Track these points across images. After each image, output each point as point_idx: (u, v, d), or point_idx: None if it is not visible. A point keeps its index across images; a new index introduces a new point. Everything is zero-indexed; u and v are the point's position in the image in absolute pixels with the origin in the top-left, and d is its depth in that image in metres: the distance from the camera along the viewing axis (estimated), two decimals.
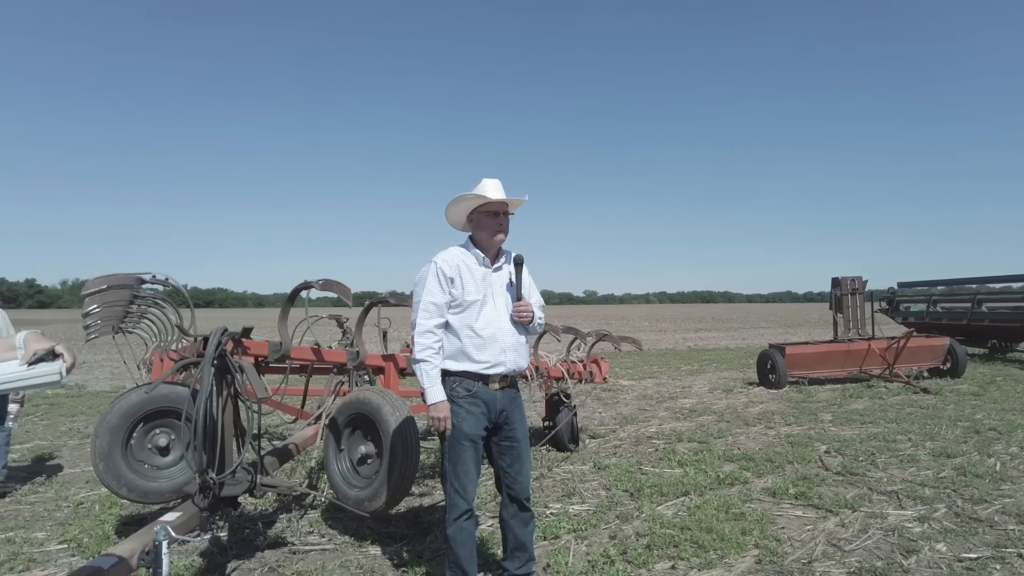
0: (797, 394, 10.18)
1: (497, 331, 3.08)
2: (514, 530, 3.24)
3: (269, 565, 3.72)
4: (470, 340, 3.04)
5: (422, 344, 3.00)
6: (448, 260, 3.09)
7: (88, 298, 3.73)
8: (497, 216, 3.16)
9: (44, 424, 8.66)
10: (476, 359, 3.04)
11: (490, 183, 3.16)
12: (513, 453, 3.20)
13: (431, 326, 3.02)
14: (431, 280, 3.04)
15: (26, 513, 4.85)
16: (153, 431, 4.00)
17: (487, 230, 3.15)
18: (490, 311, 3.09)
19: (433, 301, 3.02)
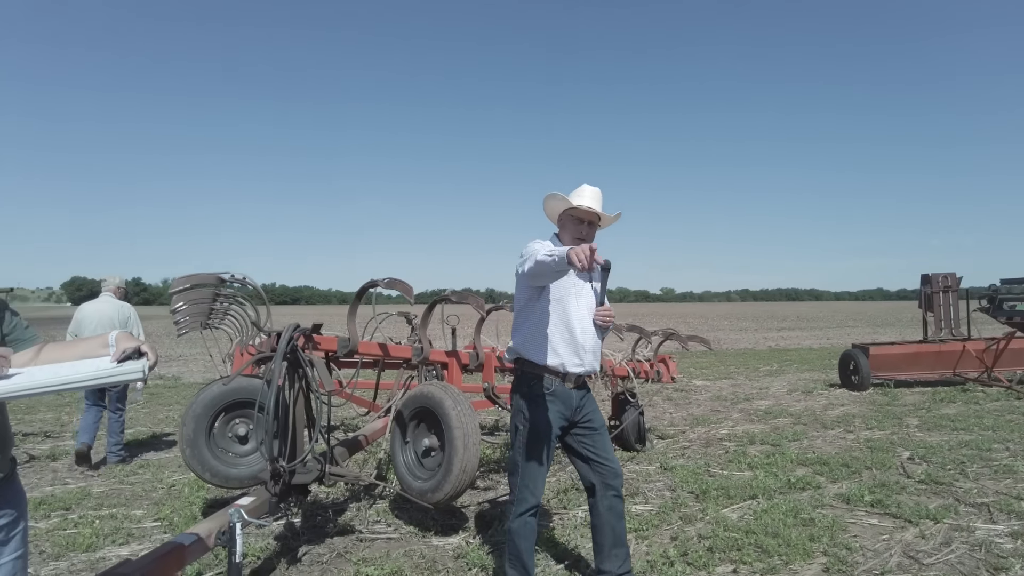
0: (881, 397, 9.69)
1: (580, 332, 3.06)
2: (612, 524, 3.14)
3: (337, 551, 3.90)
4: (555, 335, 3.04)
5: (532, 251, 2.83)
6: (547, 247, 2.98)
7: (175, 296, 4.02)
8: (583, 224, 3.11)
9: (144, 412, 9.34)
10: (561, 355, 3.04)
11: (588, 190, 3.11)
12: (596, 436, 3.16)
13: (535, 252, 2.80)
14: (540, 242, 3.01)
15: (127, 492, 5.27)
16: (233, 421, 4.27)
17: (570, 234, 3.13)
18: (573, 310, 3.07)
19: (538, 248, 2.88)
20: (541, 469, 3.05)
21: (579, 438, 3.17)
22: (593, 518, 3.19)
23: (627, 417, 6.20)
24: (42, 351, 1.86)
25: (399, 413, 4.21)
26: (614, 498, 3.15)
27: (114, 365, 1.72)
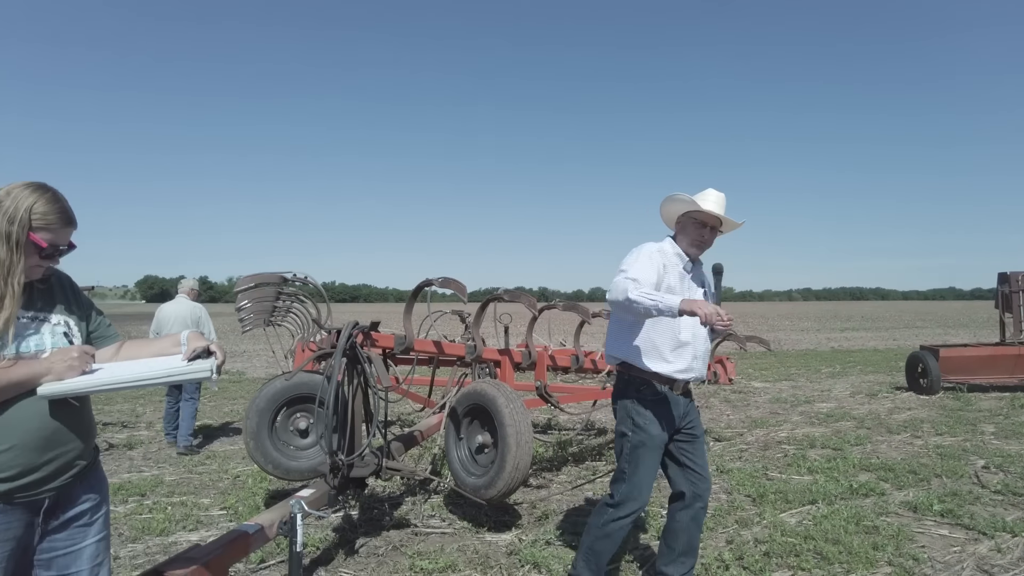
0: (953, 401, 9.25)
1: (691, 337, 2.97)
2: (690, 532, 3.09)
3: (393, 544, 3.99)
4: (668, 341, 2.93)
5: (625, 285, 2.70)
6: (660, 252, 2.99)
7: (240, 294, 4.19)
8: (704, 228, 3.03)
9: (211, 406, 9.74)
10: (670, 361, 2.94)
11: (712, 194, 3.02)
12: (696, 444, 3.10)
13: (634, 275, 2.76)
14: (647, 253, 2.93)
15: (195, 482, 5.52)
16: (294, 415, 4.43)
17: (689, 237, 3.05)
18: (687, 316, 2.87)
19: (643, 264, 2.85)
20: (649, 477, 2.97)
21: (679, 444, 3.09)
22: (671, 523, 3.14)
23: None
24: (122, 348, 1.99)
25: (453, 410, 4.28)
26: (700, 509, 3.09)
27: (184, 364, 1.82)
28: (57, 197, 1.75)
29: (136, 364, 1.86)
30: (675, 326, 2.93)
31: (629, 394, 2.99)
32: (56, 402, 1.71)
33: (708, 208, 2.96)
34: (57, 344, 1.78)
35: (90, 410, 1.89)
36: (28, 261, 1.70)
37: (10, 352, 1.67)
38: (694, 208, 2.99)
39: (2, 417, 1.64)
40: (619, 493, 2.96)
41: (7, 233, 1.65)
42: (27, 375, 1.65)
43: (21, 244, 1.67)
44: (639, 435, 2.94)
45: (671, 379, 2.96)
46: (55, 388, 1.67)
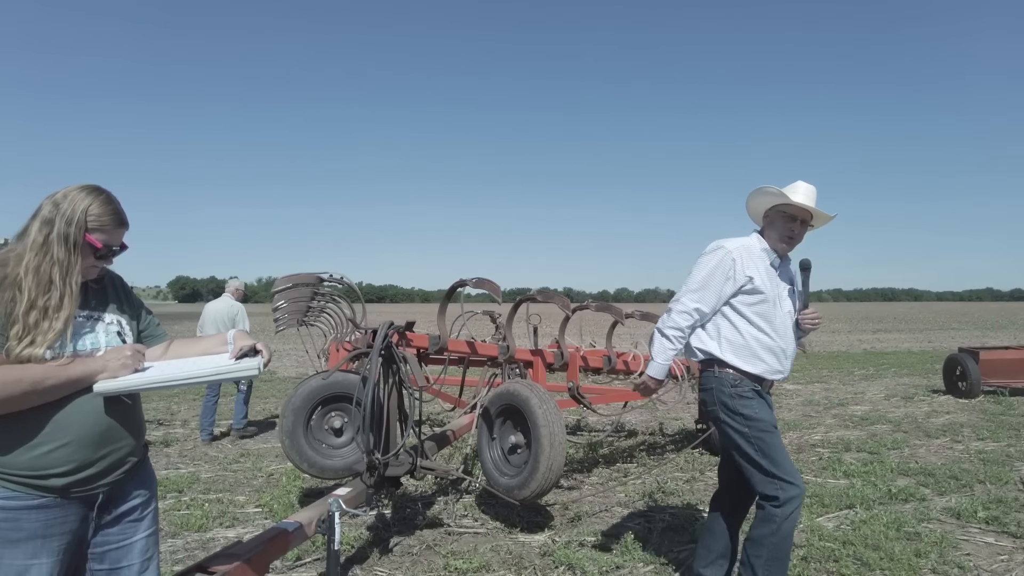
0: (994, 406, 9.01)
1: (782, 337, 2.87)
2: (733, 532, 3.10)
3: (427, 543, 4.01)
4: (761, 340, 2.84)
5: (676, 322, 2.85)
6: (742, 251, 2.88)
7: (277, 294, 4.25)
8: (794, 221, 2.91)
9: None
10: (765, 360, 2.84)
11: (802, 186, 2.90)
12: None
13: (692, 308, 2.83)
14: (716, 264, 2.85)
15: (230, 479, 5.61)
16: (329, 414, 4.47)
17: (778, 232, 2.92)
18: (777, 314, 2.87)
19: (709, 286, 2.84)
20: (787, 457, 2.84)
21: None
22: (713, 523, 3.12)
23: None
24: (170, 347, 2.03)
25: (485, 410, 4.29)
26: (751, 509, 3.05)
27: (232, 362, 1.85)
28: (111, 199, 1.79)
29: (185, 362, 1.90)
30: (767, 325, 2.84)
31: (726, 389, 2.83)
32: (110, 399, 1.75)
33: (798, 201, 2.84)
34: (111, 343, 1.82)
35: (141, 408, 1.93)
36: (84, 262, 1.74)
37: (67, 350, 1.71)
38: (783, 201, 2.86)
39: (60, 413, 1.68)
40: (777, 491, 2.75)
41: (65, 234, 1.69)
42: (84, 372, 1.69)
43: (78, 245, 1.71)
44: (757, 423, 2.79)
45: (762, 379, 2.86)
46: (110, 385, 1.71)
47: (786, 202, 2.86)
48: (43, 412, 1.67)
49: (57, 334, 1.66)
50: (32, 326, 1.63)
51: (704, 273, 2.87)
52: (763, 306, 2.85)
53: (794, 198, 2.84)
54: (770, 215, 2.96)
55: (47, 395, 1.65)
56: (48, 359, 1.66)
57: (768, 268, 2.91)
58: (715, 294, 2.84)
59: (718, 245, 2.93)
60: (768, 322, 2.84)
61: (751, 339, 2.84)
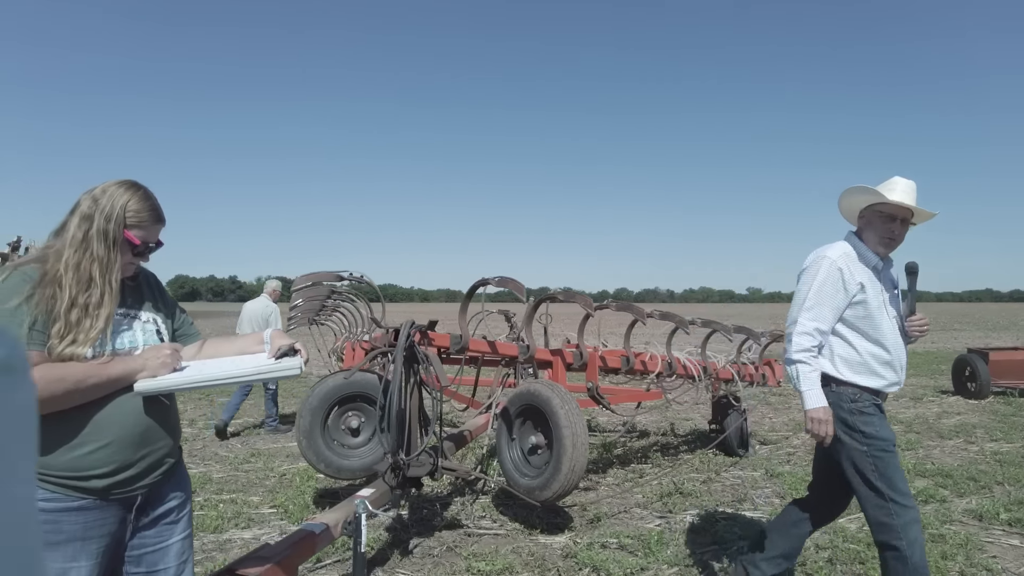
0: (1004, 406, 8.97)
1: (893, 347, 2.70)
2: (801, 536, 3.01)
3: (447, 545, 3.97)
4: (875, 354, 2.68)
5: (800, 344, 2.66)
6: (845, 258, 2.72)
7: (295, 292, 4.21)
8: (894, 221, 2.71)
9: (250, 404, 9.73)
10: (881, 375, 2.68)
11: (901, 183, 2.71)
12: None
13: (812, 328, 2.66)
14: (824, 276, 2.68)
15: (242, 479, 5.56)
16: (346, 413, 4.43)
17: (876, 233, 2.74)
18: (886, 324, 2.71)
19: (823, 300, 2.68)
20: (904, 478, 2.67)
21: None
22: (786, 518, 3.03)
23: (731, 422, 6.01)
24: (204, 346, 1.98)
25: (505, 410, 4.24)
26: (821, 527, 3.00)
27: (273, 362, 1.81)
28: (148, 195, 1.75)
29: (224, 362, 1.86)
30: (880, 336, 2.68)
31: (844, 406, 2.65)
32: (149, 399, 1.71)
33: (897, 199, 2.65)
34: (148, 341, 1.78)
35: (176, 408, 1.89)
36: (122, 258, 1.70)
37: (107, 349, 1.67)
38: (880, 200, 2.69)
39: (101, 413, 1.64)
40: (891, 517, 2.57)
41: (105, 231, 1.65)
42: (124, 371, 1.65)
43: (118, 242, 1.67)
44: (877, 442, 2.62)
45: (879, 392, 2.70)
46: (151, 385, 1.67)
47: (884, 201, 2.68)
48: (84, 412, 1.63)
49: (99, 332, 1.63)
50: (74, 324, 1.59)
51: (814, 288, 2.69)
52: (873, 316, 2.69)
53: (892, 196, 2.66)
54: (867, 215, 2.78)
55: (88, 394, 1.61)
56: (88, 358, 1.62)
57: (870, 275, 2.73)
58: (831, 308, 2.68)
59: (820, 255, 2.75)
60: (880, 333, 2.68)
61: (866, 354, 2.67)
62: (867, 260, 2.75)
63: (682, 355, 5.44)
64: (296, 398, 10.02)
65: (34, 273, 1.61)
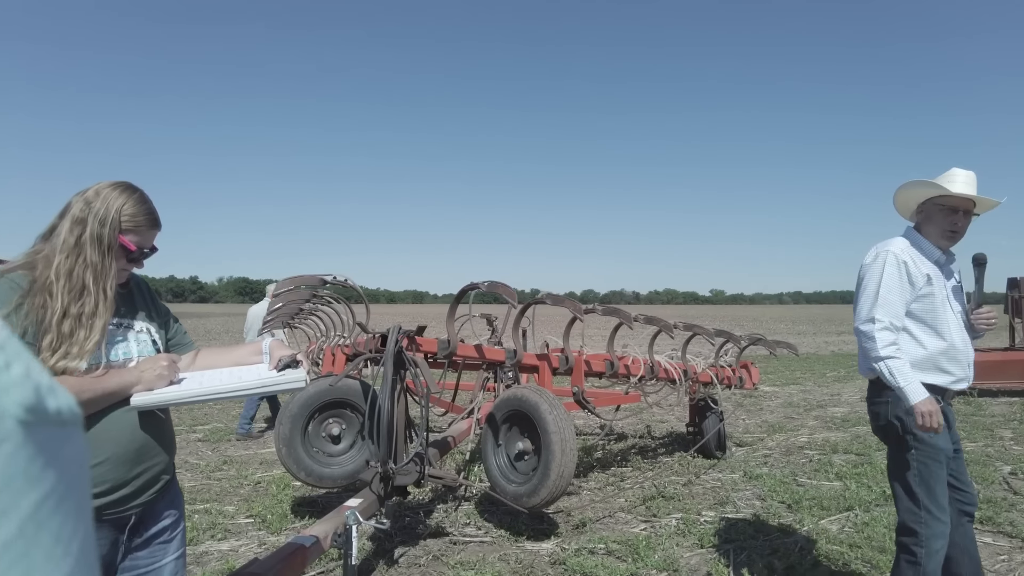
0: (965, 406, 9.23)
1: (960, 342, 2.65)
2: (971, 552, 2.79)
3: (433, 554, 3.90)
4: (941, 350, 2.63)
5: (884, 340, 2.57)
6: (908, 251, 2.68)
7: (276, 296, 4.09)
8: (955, 213, 2.66)
9: (217, 408, 9.59)
10: (948, 371, 2.63)
11: (960, 174, 2.65)
12: (959, 458, 2.80)
13: (888, 322, 2.60)
14: (890, 271, 2.63)
15: (215, 488, 5.40)
16: (327, 421, 4.33)
17: (937, 227, 2.69)
18: (952, 319, 2.66)
19: (892, 295, 2.62)
20: (945, 496, 2.62)
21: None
22: (953, 547, 2.72)
23: (709, 424, 6.06)
24: (198, 356, 1.90)
25: (491, 416, 4.20)
26: (968, 524, 2.80)
27: (276, 374, 1.74)
28: (144, 198, 1.67)
29: (223, 374, 1.78)
30: (945, 331, 2.64)
31: (903, 405, 2.58)
32: (144, 414, 1.63)
33: (959, 191, 2.60)
34: (143, 352, 1.69)
35: (171, 422, 1.80)
36: (116, 265, 1.61)
37: (101, 361, 1.58)
38: (941, 192, 2.64)
39: (95, 429, 1.55)
40: (920, 526, 2.57)
41: (99, 236, 1.56)
42: (120, 385, 1.57)
43: (113, 247, 1.58)
44: (926, 450, 2.57)
45: (945, 390, 2.65)
46: (148, 399, 1.58)
47: (946, 193, 2.63)
48: None
49: (96, 344, 1.53)
50: (67, 335, 1.50)
51: (883, 282, 2.64)
52: (939, 310, 2.64)
53: (953, 188, 2.61)
54: (926, 209, 2.73)
55: (83, 410, 1.51)
56: (82, 371, 1.53)
57: (933, 269, 2.68)
58: (900, 302, 2.63)
59: (883, 249, 2.70)
60: (946, 327, 2.63)
61: (932, 349, 2.63)
62: (930, 254, 2.71)
63: (663, 358, 5.47)
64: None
65: (23, 280, 1.51)
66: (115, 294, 1.62)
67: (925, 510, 2.57)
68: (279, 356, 1.79)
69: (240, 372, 1.79)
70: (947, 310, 2.66)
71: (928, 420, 2.51)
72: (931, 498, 2.57)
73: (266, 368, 1.78)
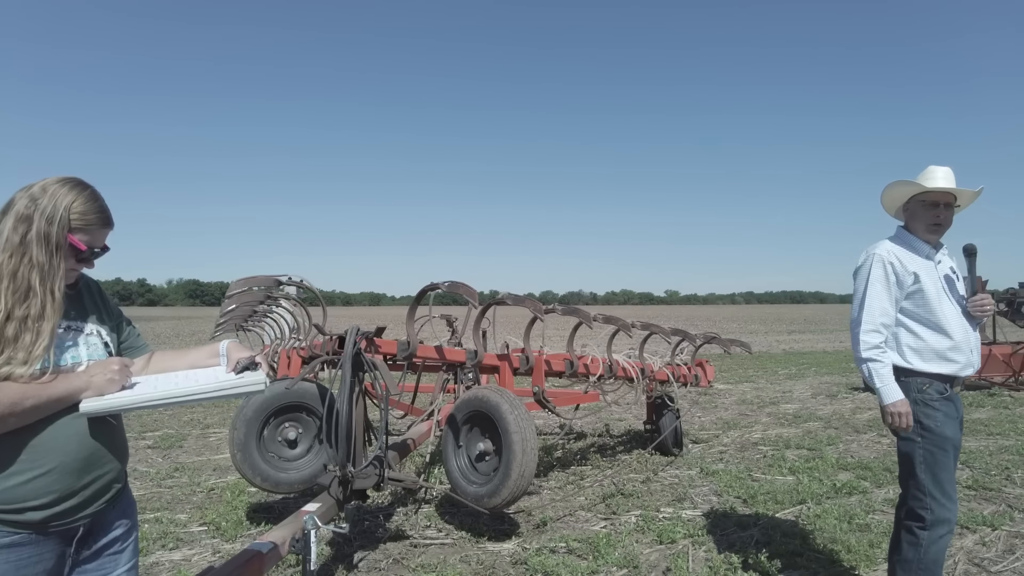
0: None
1: (960, 329, 2.76)
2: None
3: (393, 557, 3.86)
4: (941, 340, 2.74)
5: (868, 342, 2.75)
6: (895, 251, 2.82)
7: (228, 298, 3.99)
8: (936, 208, 2.81)
9: (168, 414, 9.30)
10: (952, 359, 2.74)
11: (938, 171, 2.81)
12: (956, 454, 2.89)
13: (877, 323, 2.76)
14: (876, 273, 2.79)
15: (167, 496, 5.23)
16: (282, 425, 4.24)
17: (922, 222, 2.84)
18: (948, 308, 2.78)
19: (879, 297, 2.77)
20: (952, 485, 2.75)
21: None
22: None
23: (666, 422, 6.16)
24: (152, 359, 1.84)
25: (451, 417, 4.18)
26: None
27: (234, 376, 1.69)
28: (96, 195, 1.60)
29: (179, 377, 1.71)
30: (943, 322, 2.75)
31: (911, 396, 2.72)
32: (94, 420, 1.56)
33: (936, 186, 2.76)
34: (94, 356, 1.63)
35: (123, 428, 1.73)
36: (65, 265, 1.55)
37: (48, 366, 1.51)
38: (919, 190, 2.81)
39: (39, 437, 1.48)
40: (925, 512, 2.70)
41: (46, 234, 1.49)
42: (67, 391, 1.50)
43: (61, 247, 1.52)
44: (932, 439, 2.69)
45: (953, 377, 2.75)
46: (98, 404, 1.52)
47: (924, 189, 2.79)
48: (18, 437, 1.47)
49: (44, 350, 1.47)
50: (11, 340, 1.43)
51: (870, 285, 2.79)
52: (932, 304, 2.76)
53: (930, 184, 2.77)
54: (911, 207, 2.89)
55: (25, 417, 1.45)
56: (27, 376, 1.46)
57: (925, 262, 2.82)
58: (890, 302, 2.78)
59: (870, 253, 2.85)
60: (944, 319, 2.75)
61: (933, 341, 2.75)
62: (919, 250, 2.84)
63: (621, 357, 5.53)
64: (218, 407, 9.58)
65: None
66: (64, 295, 1.55)
67: (931, 497, 2.69)
68: (236, 358, 1.74)
69: (196, 375, 1.73)
70: (943, 302, 2.78)
71: (898, 420, 2.69)
72: (937, 486, 2.69)
73: (223, 371, 1.73)
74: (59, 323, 1.55)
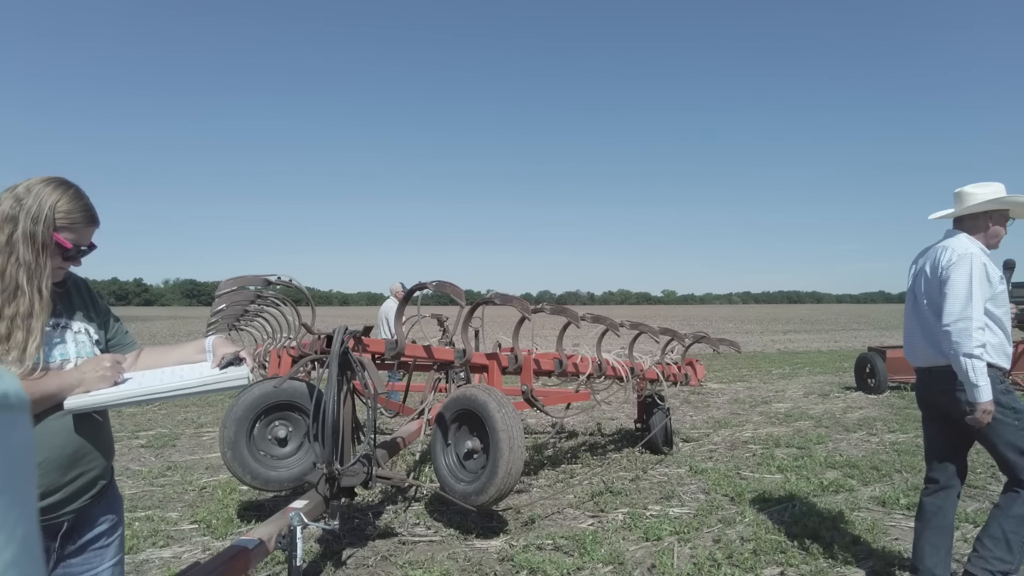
0: (899, 400, 9.69)
1: (1008, 333, 3.09)
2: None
3: (382, 554, 3.90)
4: (1004, 338, 3.04)
5: (979, 340, 2.89)
6: (983, 254, 3.06)
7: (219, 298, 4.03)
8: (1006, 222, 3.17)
9: (162, 413, 9.33)
10: (1008, 354, 3.07)
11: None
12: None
13: (981, 322, 2.91)
14: (978, 273, 2.96)
15: (158, 495, 5.27)
16: (273, 423, 4.28)
17: (995, 236, 3.15)
18: (1004, 314, 3.07)
19: (981, 293, 2.94)
20: None
21: None
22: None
23: (656, 421, 6.20)
24: (140, 356, 1.87)
25: (440, 416, 4.22)
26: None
27: (218, 371, 1.73)
28: (80, 194, 1.64)
29: (164, 373, 1.75)
30: (1006, 323, 3.05)
31: (996, 387, 2.96)
32: (80, 416, 1.60)
33: None
34: (82, 353, 1.66)
35: (110, 424, 1.77)
36: (52, 263, 1.58)
37: (38, 363, 1.55)
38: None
39: None
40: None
41: (31, 233, 1.53)
42: (59, 387, 1.54)
43: (47, 246, 1.55)
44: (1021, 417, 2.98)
45: (1006, 370, 3.06)
46: (84, 401, 1.56)
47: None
48: None
49: (39, 347, 1.50)
50: (3, 338, 1.47)
51: (974, 283, 2.95)
52: (1001, 306, 3.03)
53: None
54: (995, 216, 3.13)
55: None
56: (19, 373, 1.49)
57: (994, 270, 3.06)
58: (985, 300, 2.96)
59: (966, 251, 3.02)
60: (1006, 320, 3.05)
61: (1003, 337, 3.03)
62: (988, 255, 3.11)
63: (611, 356, 5.57)
64: (212, 406, 9.61)
65: None
66: (51, 293, 1.59)
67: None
68: (222, 354, 1.78)
69: (182, 371, 1.77)
70: (1003, 308, 3.07)
71: (987, 418, 2.92)
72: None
73: (208, 366, 1.77)
74: (47, 321, 1.59)
